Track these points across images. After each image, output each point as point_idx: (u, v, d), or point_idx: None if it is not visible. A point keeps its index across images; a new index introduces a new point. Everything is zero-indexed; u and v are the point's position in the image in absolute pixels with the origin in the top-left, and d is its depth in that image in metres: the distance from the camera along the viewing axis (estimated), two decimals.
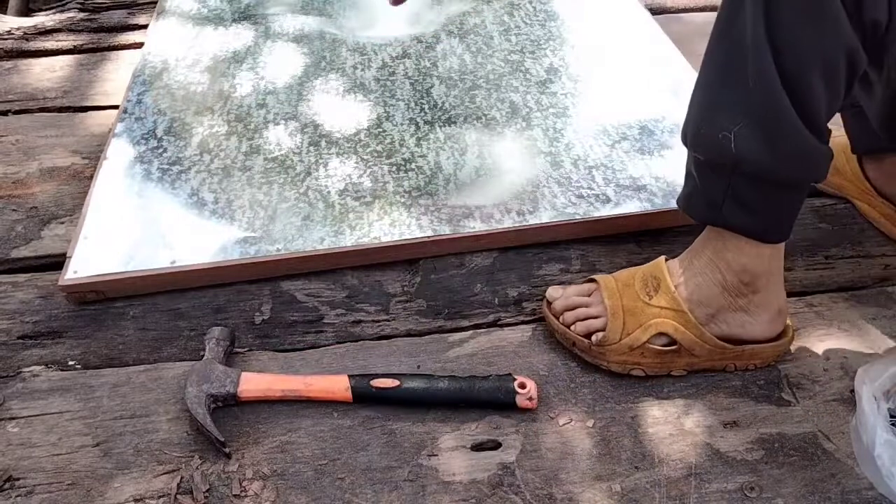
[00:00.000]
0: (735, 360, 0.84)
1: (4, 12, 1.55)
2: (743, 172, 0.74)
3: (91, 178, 1.07)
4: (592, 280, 0.88)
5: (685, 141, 0.79)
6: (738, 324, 0.82)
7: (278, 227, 0.97)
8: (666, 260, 0.85)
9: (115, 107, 1.23)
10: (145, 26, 1.43)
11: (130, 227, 0.96)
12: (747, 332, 0.83)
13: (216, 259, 0.93)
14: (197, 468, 0.75)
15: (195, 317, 0.91)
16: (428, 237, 0.96)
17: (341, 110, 1.17)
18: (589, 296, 0.87)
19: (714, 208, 0.78)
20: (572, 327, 0.86)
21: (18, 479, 0.75)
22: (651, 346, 0.82)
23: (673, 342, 0.82)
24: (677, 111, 1.16)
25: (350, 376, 0.81)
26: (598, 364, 0.85)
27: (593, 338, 0.83)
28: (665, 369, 0.84)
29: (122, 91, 1.23)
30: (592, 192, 1.02)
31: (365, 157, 1.08)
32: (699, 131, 0.76)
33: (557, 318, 0.87)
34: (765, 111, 0.70)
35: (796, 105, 0.69)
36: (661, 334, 0.82)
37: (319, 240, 0.95)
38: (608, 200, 1.01)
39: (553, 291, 0.90)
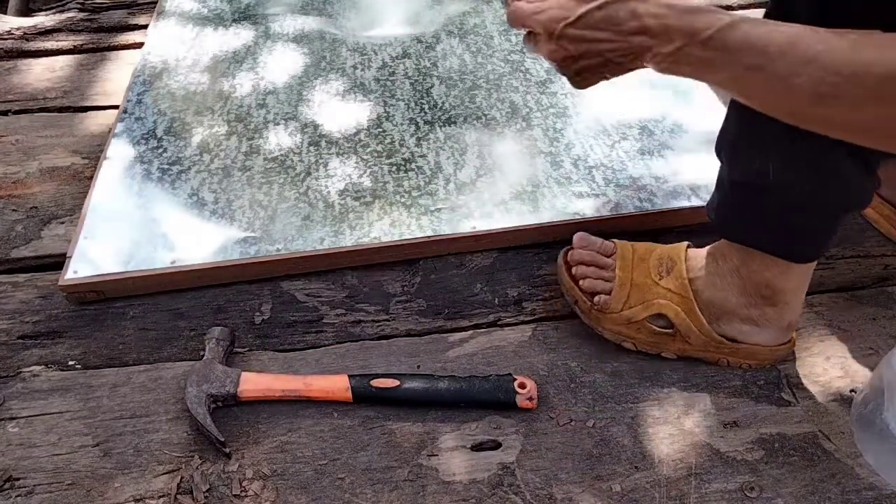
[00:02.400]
0: (729, 357, 0.84)
1: (4, 12, 1.55)
2: (781, 198, 0.71)
3: (91, 178, 1.07)
4: (613, 244, 0.89)
5: (720, 155, 0.76)
6: (741, 331, 0.82)
7: (278, 227, 0.97)
8: (688, 247, 0.85)
9: (115, 107, 1.23)
10: (145, 26, 1.43)
11: (130, 227, 0.96)
12: (748, 340, 0.83)
13: (216, 259, 0.93)
14: (197, 468, 0.76)
15: (195, 317, 0.91)
16: (428, 237, 0.96)
17: (341, 110, 1.17)
18: (609, 256, 0.87)
19: (745, 227, 0.76)
20: (580, 282, 0.86)
21: (18, 479, 0.75)
22: (648, 324, 0.83)
23: (670, 325, 0.83)
24: (677, 111, 1.16)
25: (350, 376, 0.81)
26: (592, 328, 0.86)
27: (596, 299, 0.84)
28: (656, 349, 0.85)
29: (122, 91, 1.23)
30: (592, 192, 1.02)
31: (365, 156, 1.08)
32: (736, 150, 0.71)
33: (571, 269, 0.88)
34: (812, 143, 0.60)
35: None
36: (661, 315, 0.82)
37: (319, 240, 0.95)
38: (608, 200, 1.01)
39: (579, 239, 0.90)
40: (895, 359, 0.75)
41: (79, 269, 0.91)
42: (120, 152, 1.08)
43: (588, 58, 0.62)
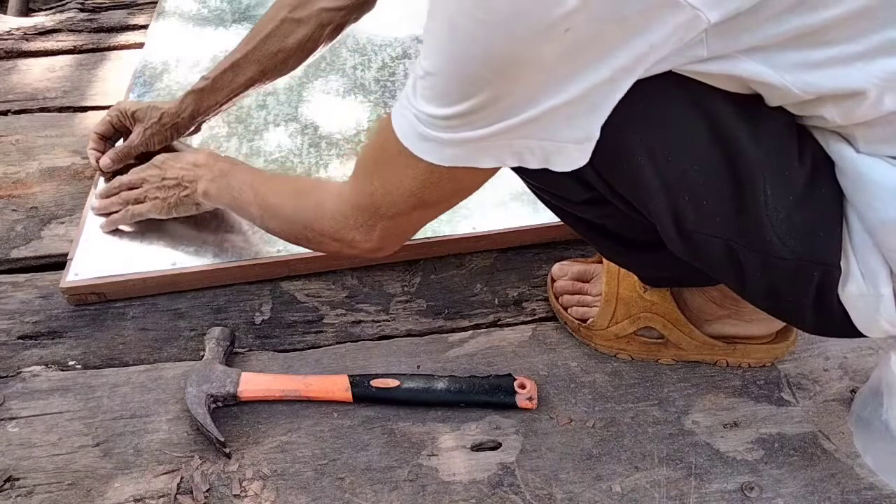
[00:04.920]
0: (727, 357, 0.85)
1: (4, 12, 1.54)
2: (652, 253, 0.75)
3: (91, 178, 1.07)
4: (601, 260, 0.89)
5: None
6: (733, 326, 0.83)
7: None
8: None
9: None
10: (145, 26, 1.43)
11: (131, 229, 0.96)
12: (742, 331, 0.83)
13: (217, 261, 0.93)
14: (197, 468, 0.75)
15: (195, 317, 0.91)
16: (428, 238, 0.96)
17: (342, 111, 1.17)
18: (589, 280, 0.89)
19: (659, 278, 0.81)
20: (569, 310, 0.88)
21: (18, 479, 0.75)
22: (638, 336, 0.84)
23: (661, 336, 0.83)
24: None
25: (350, 376, 0.81)
26: (586, 343, 0.87)
27: (588, 322, 0.86)
28: (652, 357, 0.86)
29: (122, 91, 1.23)
30: None
31: None
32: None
33: (558, 298, 0.89)
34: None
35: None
36: (650, 327, 0.83)
37: None
38: None
39: (557, 270, 0.92)
40: (894, 360, 0.75)
41: (80, 271, 0.91)
42: None
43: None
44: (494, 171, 0.61)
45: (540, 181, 0.69)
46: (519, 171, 0.67)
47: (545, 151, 0.55)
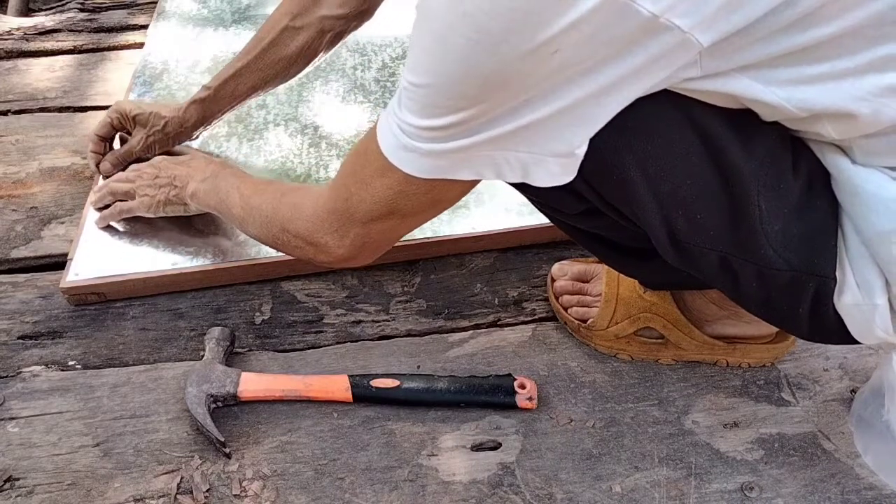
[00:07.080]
0: (727, 357, 0.85)
1: (4, 12, 1.54)
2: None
3: (91, 178, 1.07)
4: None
5: None
6: (733, 327, 0.83)
7: None
8: None
9: None
10: (145, 26, 1.43)
11: (131, 229, 0.96)
12: (742, 332, 0.83)
13: (217, 261, 0.93)
14: (197, 468, 0.75)
15: (195, 317, 0.91)
16: (428, 238, 0.96)
17: (342, 111, 1.17)
18: (589, 280, 0.89)
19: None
20: (569, 310, 0.88)
21: (18, 479, 0.75)
22: (638, 336, 0.84)
23: (661, 336, 0.84)
24: None
25: (350, 376, 0.81)
26: (586, 343, 0.87)
27: (588, 322, 0.86)
28: (652, 357, 0.86)
29: (122, 91, 1.23)
30: None
31: None
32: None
33: (558, 298, 0.89)
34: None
35: None
36: (649, 327, 0.83)
37: None
38: None
39: (557, 270, 0.92)
40: (895, 361, 0.75)
41: (80, 271, 0.91)
42: None
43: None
44: (471, 185, 0.61)
45: (536, 193, 0.69)
46: (515, 183, 0.68)
47: (524, 164, 0.55)
